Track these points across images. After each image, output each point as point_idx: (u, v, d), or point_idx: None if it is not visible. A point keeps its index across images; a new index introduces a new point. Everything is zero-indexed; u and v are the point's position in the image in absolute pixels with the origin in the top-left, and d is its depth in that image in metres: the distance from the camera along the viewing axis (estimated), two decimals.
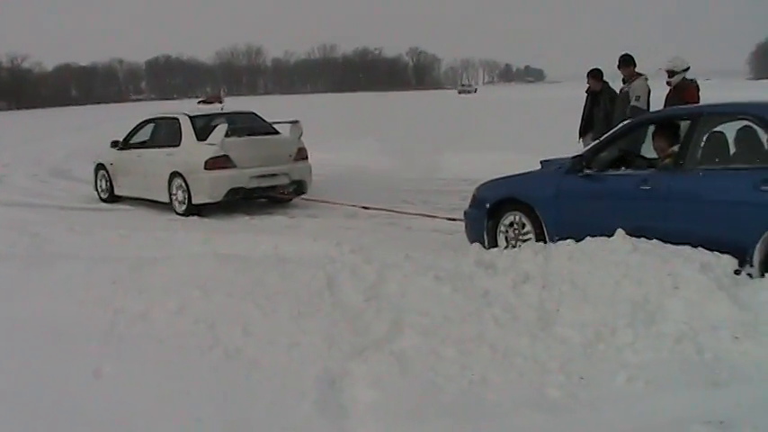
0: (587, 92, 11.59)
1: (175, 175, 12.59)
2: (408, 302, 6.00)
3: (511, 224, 7.72)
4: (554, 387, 4.62)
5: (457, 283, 6.19)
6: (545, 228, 7.36)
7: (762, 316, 5.11)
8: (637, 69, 10.55)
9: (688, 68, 9.85)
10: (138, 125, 14.31)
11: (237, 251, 8.32)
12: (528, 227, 7.55)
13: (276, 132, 13.58)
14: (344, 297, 6.24)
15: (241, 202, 12.78)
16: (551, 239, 7.16)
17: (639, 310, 5.38)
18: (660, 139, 7.22)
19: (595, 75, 11.41)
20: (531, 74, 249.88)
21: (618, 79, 10.85)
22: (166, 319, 6.19)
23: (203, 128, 12.72)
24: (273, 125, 13.68)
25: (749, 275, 5.79)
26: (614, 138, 7.31)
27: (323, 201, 12.65)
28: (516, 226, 7.67)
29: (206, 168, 12.12)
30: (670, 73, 9.84)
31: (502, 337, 5.31)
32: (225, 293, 6.49)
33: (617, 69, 10.70)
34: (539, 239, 7.35)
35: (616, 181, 7.00)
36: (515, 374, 4.84)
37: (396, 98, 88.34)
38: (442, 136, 24.12)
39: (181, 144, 12.74)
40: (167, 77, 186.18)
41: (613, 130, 7.46)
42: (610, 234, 6.37)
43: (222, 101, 37.69)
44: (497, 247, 7.61)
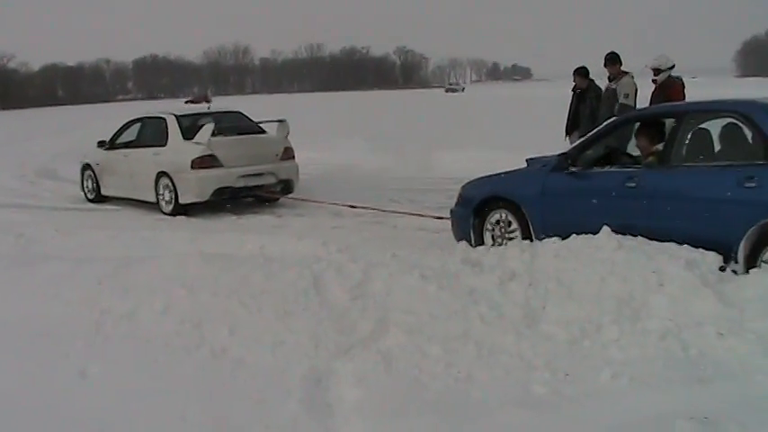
0: (573, 90, 11.62)
1: (162, 175, 12.54)
2: (394, 301, 6.00)
3: (497, 222, 7.73)
4: (539, 384, 4.64)
5: (443, 282, 6.19)
6: (531, 225, 7.37)
7: (746, 312, 5.13)
8: (623, 68, 10.59)
9: (673, 66, 9.91)
10: (125, 125, 14.24)
11: (224, 250, 8.30)
12: (514, 225, 7.56)
13: (263, 132, 13.53)
14: (330, 296, 6.24)
15: (228, 202, 12.75)
16: (537, 237, 7.17)
17: (625, 307, 5.40)
18: (643, 137, 7.23)
19: (581, 73, 11.45)
20: (519, 72, 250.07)
21: (604, 77, 10.88)
22: (152, 319, 6.17)
23: (190, 127, 12.68)
24: (260, 124, 13.64)
25: (734, 272, 5.82)
26: (599, 135, 7.33)
27: (310, 200, 12.64)
28: (502, 224, 7.68)
29: (193, 168, 12.08)
30: (655, 71, 9.91)
31: (487, 335, 5.32)
32: (211, 293, 6.47)
33: (603, 67, 10.73)
34: (525, 237, 7.36)
35: (601, 178, 7.01)
36: (501, 372, 4.85)
37: (383, 97, 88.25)
38: (429, 135, 24.11)
39: (167, 144, 12.69)
40: (154, 77, 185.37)
41: (598, 128, 7.49)
42: (595, 231, 6.39)
43: (209, 100, 37.54)
44: (484, 246, 7.61)
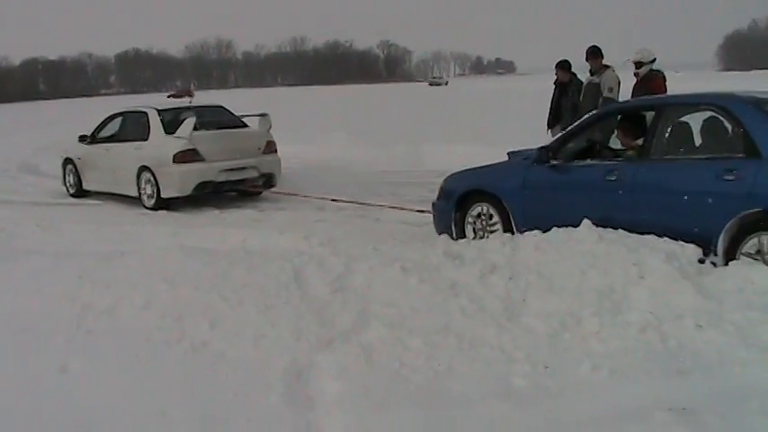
0: (555, 83, 11.63)
1: (144, 169, 12.49)
2: (375, 294, 6.01)
3: (478, 215, 7.74)
4: (520, 376, 4.65)
5: (424, 275, 6.20)
6: (512, 218, 7.39)
7: (725, 304, 5.17)
8: (604, 61, 10.62)
9: (655, 60, 9.94)
10: (106, 119, 14.17)
11: (206, 245, 8.30)
12: (495, 218, 7.57)
13: (245, 126, 13.50)
14: (311, 289, 6.24)
15: (210, 196, 12.69)
16: (518, 230, 7.19)
17: (605, 300, 5.43)
18: (624, 131, 7.26)
19: (563, 66, 11.45)
20: (502, 66, 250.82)
21: (586, 71, 10.90)
22: (133, 314, 6.15)
23: (171, 121, 12.64)
24: (242, 118, 13.61)
25: (713, 264, 5.86)
26: (580, 128, 7.35)
27: (292, 194, 12.66)
28: (484, 217, 7.69)
29: (174, 162, 12.04)
30: (637, 64, 9.92)
31: (468, 328, 5.33)
32: (192, 287, 6.46)
33: (585, 61, 10.75)
34: (506, 230, 7.38)
35: (582, 171, 7.03)
36: (481, 364, 4.86)
37: (366, 91, 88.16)
38: (412, 129, 24.15)
39: (149, 138, 12.65)
40: (137, 71, 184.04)
41: (579, 121, 7.50)
42: (576, 224, 6.42)
43: (192, 95, 37.51)
44: (465, 239, 7.64)
